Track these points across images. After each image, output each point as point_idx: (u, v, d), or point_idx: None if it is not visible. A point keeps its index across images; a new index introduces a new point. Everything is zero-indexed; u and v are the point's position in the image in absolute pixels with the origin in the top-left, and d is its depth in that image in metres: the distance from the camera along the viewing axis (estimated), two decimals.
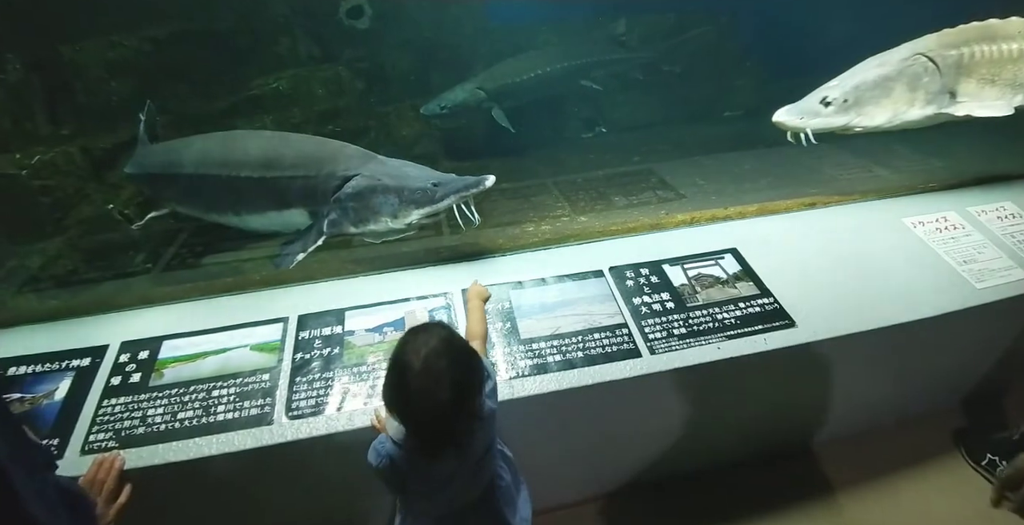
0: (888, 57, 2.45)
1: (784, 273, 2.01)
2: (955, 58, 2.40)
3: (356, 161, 2.15)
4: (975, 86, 2.43)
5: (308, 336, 1.79)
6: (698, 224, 2.31)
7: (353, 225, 2.12)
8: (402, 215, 2.05)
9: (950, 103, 2.43)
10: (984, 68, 2.41)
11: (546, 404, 1.69)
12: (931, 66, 2.38)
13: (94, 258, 2.74)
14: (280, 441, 1.52)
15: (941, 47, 2.40)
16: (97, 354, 1.76)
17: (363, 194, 2.06)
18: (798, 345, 1.80)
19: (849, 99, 2.36)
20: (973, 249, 2.16)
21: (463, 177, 2.04)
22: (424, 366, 1.13)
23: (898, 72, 2.38)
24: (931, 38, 2.45)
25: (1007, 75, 2.42)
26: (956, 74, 2.41)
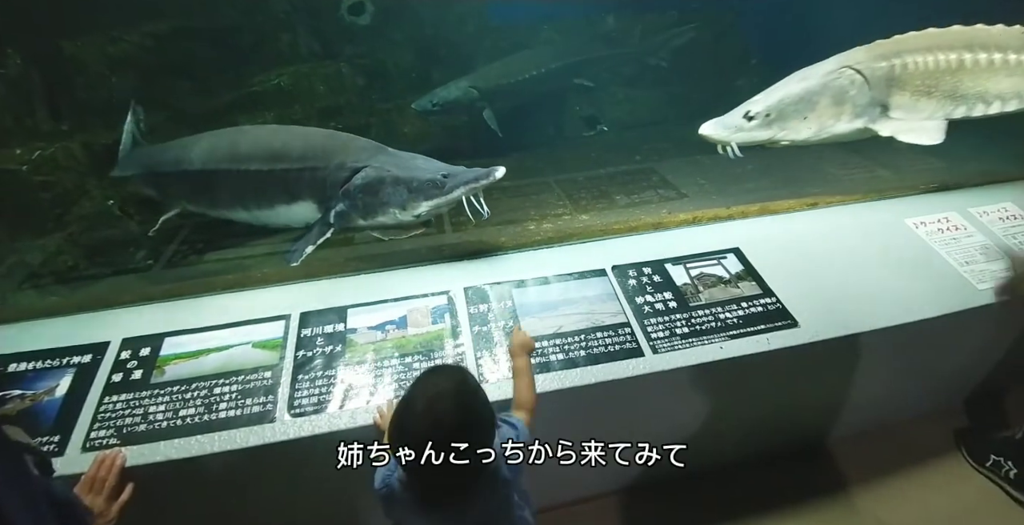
0: (814, 70, 2.39)
1: (786, 273, 2.01)
2: (885, 70, 2.33)
3: (365, 153, 2.14)
4: (909, 99, 2.36)
5: (310, 333, 1.79)
6: (700, 223, 2.32)
7: (362, 217, 2.11)
8: (411, 207, 2.04)
9: (881, 116, 2.37)
10: (919, 80, 2.34)
11: (548, 403, 1.68)
12: (859, 79, 2.32)
13: (95, 254, 2.73)
14: (282, 439, 1.52)
15: (871, 59, 2.35)
16: (98, 351, 1.76)
17: (372, 185, 2.04)
18: (800, 345, 1.80)
19: (772, 113, 2.32)
20: (975, 249, 2.16)
21: (473, 169, 2.03)
22: (427, 408, 1.08)
23: (823, 85, 2.33)
24: (861, 50, 2.39)
25: (946, 87, 2.35)
26: (887, 87, 2.34)
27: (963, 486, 2.16)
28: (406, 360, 1.72)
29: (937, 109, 2.38)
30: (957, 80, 2.35)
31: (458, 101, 3.73)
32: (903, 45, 2.37)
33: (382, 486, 1.23)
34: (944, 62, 2.33)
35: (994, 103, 2.40)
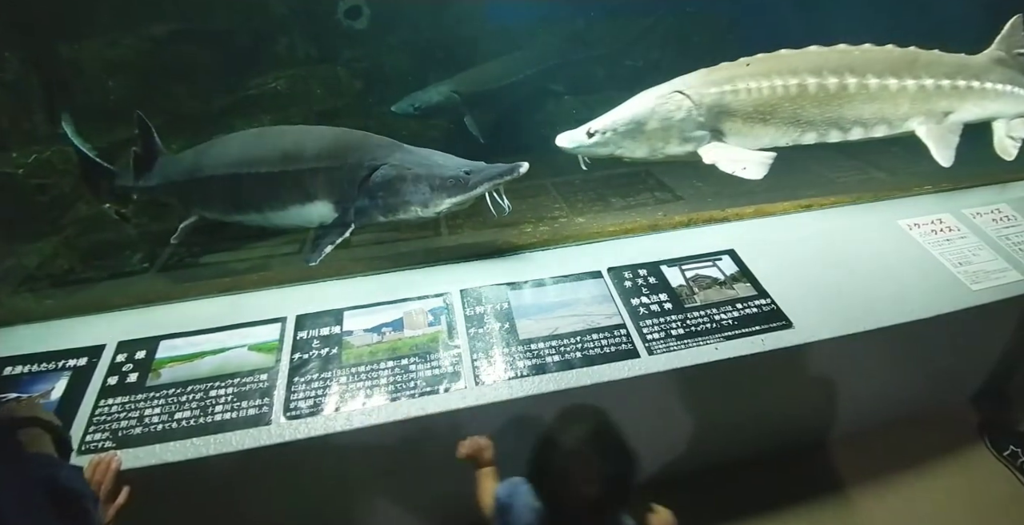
0: (652, 91, 2.39)
1: (781, 274, 2.02)
2: (715, 96, 2.29)
3: (382, 150, 2.12)
4: (742, 125, 2.34)
5: (306, 336, 1.79)
6: (695, 225, 2.33)
7: (382, 215, 2.08)
8: (433, 204, 2.03)
9: (712, 142, 2.35)
10: (751, 107, 2.31)
11: (544, 405, 1.69)
12: (687, 104, 2.29)
13: (91, 257, 2.73)
14: (278, 441, 1.52)
15: (701, 84, 2.32)
16: (94, 354, 1.76)
17: (392, 183, 2.03)
18: (795, 346, 1.80)
19: (608, 132, 2.34)
20: (968, 251, 2.17)
21: (495, 164, 2.03)
22: (578, 454, 1.12)
23: (652, 109, 2.32)
24: (697, 74, 2.39)
25: (785, 113, 2.31)
26: (718, 113, 2.31)
27: (959, 487, 2.18)
28: (402, 362, 1.72)
29: (780, 136, 2.35)
30: (799, 106, 2.31)
31: (439, 105, 3.70)
32: (739, 70, 2.34)
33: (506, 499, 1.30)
34: (782, 88, 2.28)
35: (853, 129, 2.37)
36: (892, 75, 2.34)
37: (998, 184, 2.64)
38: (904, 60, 2.38)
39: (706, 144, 2.34)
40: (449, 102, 3.72)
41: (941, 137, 2.39)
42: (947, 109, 2.43)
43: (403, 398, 1.62)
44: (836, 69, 2.31)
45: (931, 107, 2.40)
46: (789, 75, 2.30)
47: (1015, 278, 2.07)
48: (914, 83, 2.35)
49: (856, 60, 2.34)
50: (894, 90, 2.34)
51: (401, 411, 1.60)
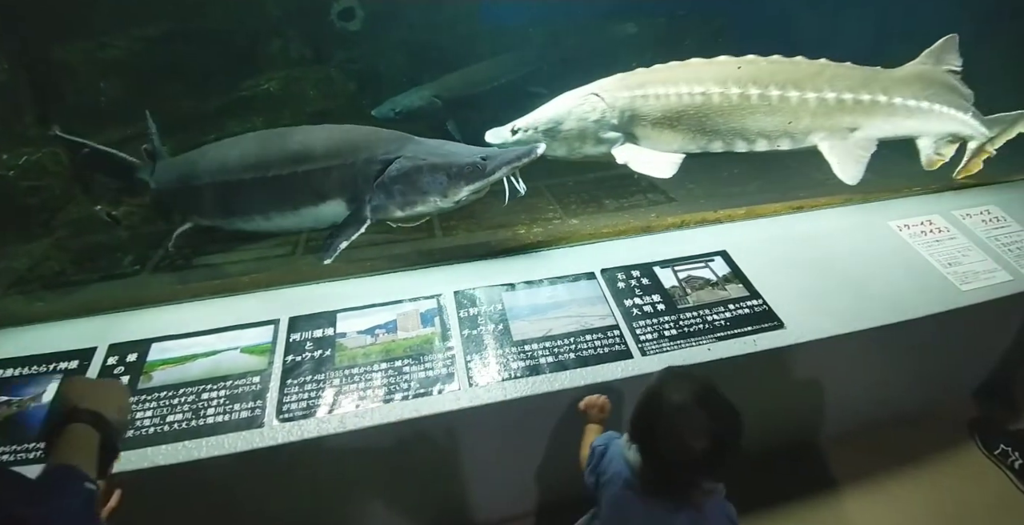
0: (572, 93, 2.44)
1: (773, 275, 2.04)
2: (627, 100, 2.34)
3: (393, 144, 2.11)
4: (652, 130, 2.37)
5: (299, 338, 1.79)
6: (688, 227, 2.34)
7: (400, 208, 2.08)
8: (452, 193, 2.02)
9: (624, 144, 2.39)
10: (660, 113, 2.34)
11: (538, 406, 1.70)
12: (601, 106, 2.34)
13: (82, 259, 2.71)
14: (271, 444, 1.51)
15: (616, 88, 2.37)
16: (85, 357, 1.75)
17: (409, 175, 2.02)
18: (787, 346, 1.82)
19: (529, 131, 2.39)
20: (958, 252, 2.20)
21: (511, 148, 2.03)
22: (688, 410, 1.17)
23: (568, 110, 2.38)
24: (614, 78, 2.42)
25: (691, 122, 2.34)
26: (631, 117, 2.36)
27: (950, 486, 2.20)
28: (395, 364, 1.72)
29: (687, 142, 2.38)
30: (703, 116, 2.33)
31: (421, 109, 3.67)
32: (651, 76, 2.37)
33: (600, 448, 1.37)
34: (687, 97, 2.31)
35: (758, 141, 2.39)
36: (794, 88, 2.32)
37: (987, 186, 2.67)
38: (808, 73, 2.36)
39: (619, 146, 2.38)
40: (431, 106, 3.70)
41: (845, 153, 2.36)
42: (852, 125, 2.39)
43: (397, 400, 1.62)
44: (740, 80, 2.32)
45: (834, 122, 2.37)
46: (695, 84, 2.32)
47: (1004, 279, 2.10)
48: (815, 96, 2.33)
49: (761, 71, 2.34)
50: (795, 103, 2.32)
51: (395, 413, 1.59)
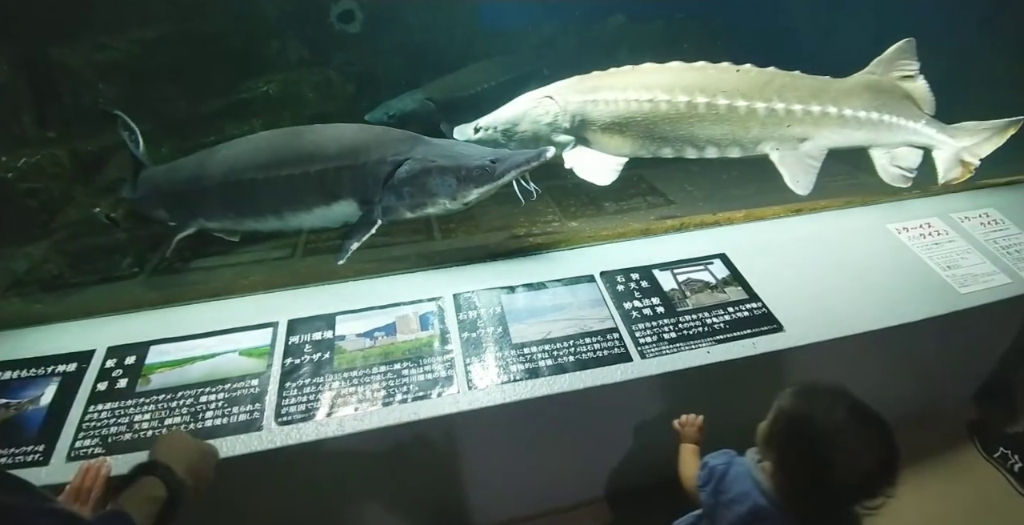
0: (529, 94, 2.48)
1: (772, 278, 2.04)
2: (578, 104, 2.37)
3: (404, 144, 2.10)
4: (601, 135, 2.40)
5: (298, 341, 1.78)
6: (687, 230, 2.34)
7: (409, 210, 2.08)
8: (461, 196, 2.02)
9: (575, 147, 2.42)
10: (608, 118, 2.36)
11: (538, 409, 1.69)
12: (554, 109, 2.38)
13: (81, 262, 2.71)
14: (269, 447, 1.51)
15: (569, 91, 2.40)
16: (83, 359, 1.74)
17: (418, 178, 2.01)
18: (786, 349, 1.82)
19: (489, 130, 2.44)
20: (957, 254, 2.20)
21: (521, 151, 2.03)
22: (852, 430, 1.14)
23: (524, 112, 2.41)
24: (569, 81, 2.45)
25: (638, 128, 2.36)
26: (581, 121, 2.39)
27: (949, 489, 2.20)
28: (395, 367, 1.72)
29: (637, 148, 2.41)
30: (651, 122, 2.35)
31: (414, 113, 3.66)
32: (603, 81, 2.39)
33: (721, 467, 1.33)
34: (636, 103, 2.33)
35: (707, 148, 2.41)
36: (742, 97, 2.33)
37: (986, 188, 2.67)
38: (757, 82, 2.36)
39: (570, 149, 2.41)
40: (423, 109, 3.69)
41: (795, 164, 2.38)
42: (801, 135, 2.39)
43: (396, 403, 1.62)
44: (688, 88, 2.33)
45: (783, 132, 2.37)
46: (643, 90, 2.33)
47: (1003, 281, 2.10)
48: (764, 106, 2.33)
49: (710, 80, 2.35)
50: (743, 112, 2.33)
51: (394, 416, 1.59)
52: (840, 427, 1.15)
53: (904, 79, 2.50)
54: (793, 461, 1.19)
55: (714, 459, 1.38)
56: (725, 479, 1.32)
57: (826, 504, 1.18)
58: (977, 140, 2.54)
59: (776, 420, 1.24)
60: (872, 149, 2.50)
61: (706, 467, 1.37)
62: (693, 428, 1.61)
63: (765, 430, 1.27)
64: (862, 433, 1.15)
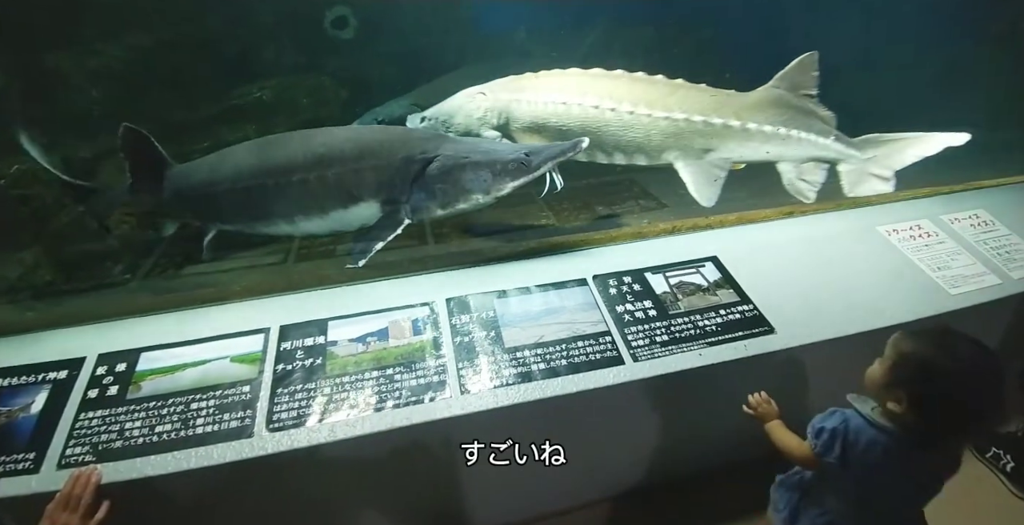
0: (468, 89, 2.57)
1: (763, 280, 2.05)
2: (504, 103, 2.46)
3: (430, 143, 2.11)
4: (524, 134, 2.49)
5: (290, 347, 1.78)
6: (679, 233, 2.35)
7: (441, 207, 2.08)
8: (496, 190, 2.04)
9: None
10: (528, 119, 2.45)
11: (531, 413, 1.69)
12: (485, 105, 2.47)
13: (72, 269, 2.70)
14: (260, 454, 1.51)
15: (499, 89, 2.49)
16: (74, 367, 1.74)
17: (452, 173, 2.02)
18: (777, 351, 1.83)
19: (432, 120, 2.56)
20: (947, 256, 2.21)
21: (555, 143, 2.05)
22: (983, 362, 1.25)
23: (459, 105, 2.51)
24: (505, 79, 2.54)
25: (552, 130, 2.43)
26: (506, 119, 2.48)
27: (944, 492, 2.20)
28: (387, 372, 1.71)
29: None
30: (563, 125, 2.41)
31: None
32: (529, 82, 2.48)
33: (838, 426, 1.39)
34: (551, 105, 2.40)
35: (616, 154, 2.47)
36: (647, 106, 2.37)
37: (976, 190, 2.69)
38: (662, 92, 2.40)
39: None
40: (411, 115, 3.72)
41: (699, 174, 2.43)
42: (704, 146, 2.43)
43: (388, 408, 1.62)
44: (600, 94, 2.38)
45: (686, 142, 2.41)
46: (560, 94, 2.40)
47: (993, 282, 2.11)
48: (665, 116, 2.37)
49: (621, 87, 2.40)
50: (646, 121, 2.37)
51: (386, 421, 1.59)
52: (971, 364, 1.25)
53: (807, 94, 2.51)
54: (929, 399, 1.27)
55: (828, 421, 1.42)
56: (849, 434, 1.37)
57: (955, 434, 1.32)
58: (886, 152, 2.55)
59: (902, 364, 1.30)
60: (779, 163, 2.54)
61: (824, 432, 1.41)
62: (768, 405, 1.65)
63: (886, 375, 1.33)
64: (987, 367, 1.25)
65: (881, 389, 1.35)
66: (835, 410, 1.45)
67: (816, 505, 1.53)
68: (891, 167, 2.54)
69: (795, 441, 1.52)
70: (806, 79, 2.49)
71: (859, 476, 1.39)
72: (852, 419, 1.39)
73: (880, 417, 1.36)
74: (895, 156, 2.54)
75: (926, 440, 1.31)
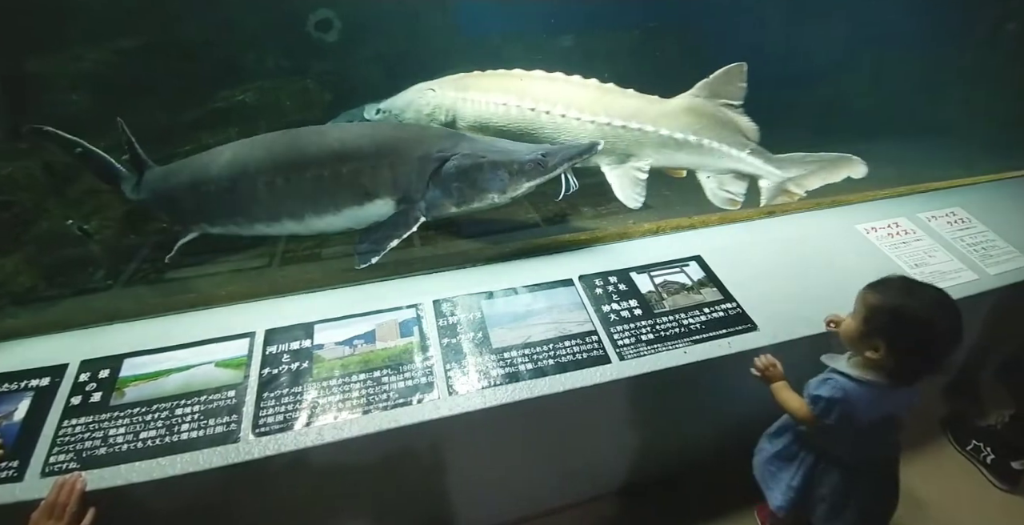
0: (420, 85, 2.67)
1: (746, 279, 2.08)
2: (451, 100, 2.55)
3: (448, 141, 2.11)
4: (468, 130, 2.56)
5: (276, 351, 1.77)
6: (664, 233, 2.37)
7: (456, 206, 2.09)
8: (511, 189, 2.06)
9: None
10: (472, 117, 2.56)
11: (519, 413, 1.70)
12: (434, 101, 2.56)
13: (54, 275, 2.66)
14: (247, 459, 1.50)
15: (448, 86, 2.58)
16: (56, 374, 1.71)
17: (469, 172, 2.02)
18: (760, 347, 1.85)
19: (387, 113, 2.67)
20: (924, 253, 2.26)
21: (571, 144, 2.07)
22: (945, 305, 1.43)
23: (410, 100, 2.61)
24: (455, 76, 2.64)
25: (493, 129, 2.51)
26: (453, 116, 2.57)
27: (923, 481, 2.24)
28: (374, 375, 1.71)
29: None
30: (503, 126, 2.50)
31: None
32: (475, 81, 2.56)
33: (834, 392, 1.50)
34: (493, 105, 2.49)
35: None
36: (577, 109, 2.44)
37: (954, 188, 2.75)
38: (591, 97, 2.46)
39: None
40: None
41: (622, 177, 2.51)
42: (626, 151, 2.50)
43: (375, 411, 1.62)
44: (536, 96, 2.46)
45: (610, 147, 2.47)
46: (501, 94, 2.47)
47: (970, 278, 2.16)
48: (591, 120, 2.44)
49: (556, 90, 2.46)
50: (575, 125, 2.44)
51: (373, 424, 1.59)
52: (936, 306, 1.42)
53: (729, 104, 2.53)
54: (904, 342, 1.42)
55: (822, 390, 1.54)
56: (848, 399, 1.49)
57: (928, 370, 1.46)
58: (803, 172, 2.58)
59: (875, 315, 1.46)
60: (698, 172, 2.59)
61: (820, 400, 1.53)
62: (774, 368, 1.73)
63: (860, 328, 1.49)
64: (948, 309, 1.42)
65: (858, 341, 1.50)
66: (828, 377, 1.56)
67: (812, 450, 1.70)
68: (805, 187, 2.59)
69: (797, 402, 1.64)
70: (731, 89, 2.50)
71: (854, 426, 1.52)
72: (846, 386, 1.50)
73: (859, 368, 1.51)
74: (810, 178, 2.58)
75: (905, 378, 1.48)
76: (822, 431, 1.61)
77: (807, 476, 1.69)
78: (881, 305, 1.46)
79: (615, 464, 2.13)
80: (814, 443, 1.69)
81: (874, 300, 1.48)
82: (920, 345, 1.42)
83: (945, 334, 1.41)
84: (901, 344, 1.42)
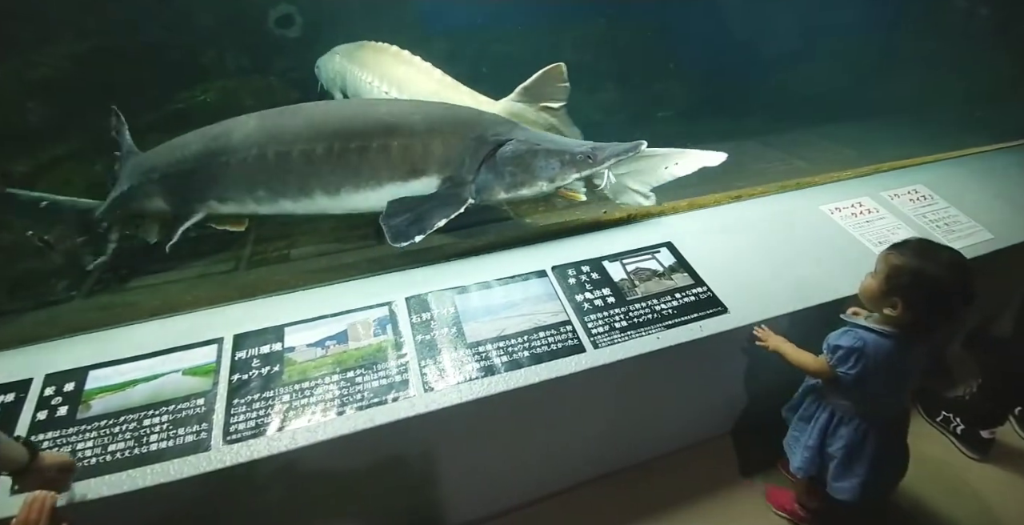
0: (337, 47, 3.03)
1: (715, 263, 2.10)
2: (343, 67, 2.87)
3: (504, 126, 2.12)
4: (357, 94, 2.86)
5: (245, 356, 1.74)
6: (635, 221, 2.38)
7: (505, 190, 2.09)
8: (560, 179, 2.09)
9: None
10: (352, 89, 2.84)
11: (495, 405, 1.70)
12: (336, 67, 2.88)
13: (15, 288, 2.59)
14: (218, 467, 1.47)
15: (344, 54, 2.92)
16: (21, 389, 1.66)
17: (524, 158, 2.03)
18: (731, 330, 1.88)
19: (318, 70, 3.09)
20: (887, 230, 2.30)
21: (618, 143, 2.09)
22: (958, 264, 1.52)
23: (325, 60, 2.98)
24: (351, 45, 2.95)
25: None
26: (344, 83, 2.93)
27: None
28: (348, 375, 1.70)
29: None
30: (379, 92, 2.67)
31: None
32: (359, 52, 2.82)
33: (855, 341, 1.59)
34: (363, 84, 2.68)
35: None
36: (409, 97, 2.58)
37: (914, 166, 2.80)
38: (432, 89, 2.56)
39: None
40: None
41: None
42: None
43: (350, 411, 1.60)
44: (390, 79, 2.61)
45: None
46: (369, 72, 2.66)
47: None
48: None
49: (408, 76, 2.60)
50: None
51: (348, 425, 1.57)
52: (952, 265, 1.52)
53: (549, 107, 2.51)
54: (923, 299, 1.52)
55: (843, 339, 1.62)
56: (867, 348, 1.58)
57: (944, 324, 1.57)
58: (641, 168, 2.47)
59: (896, 274, 1.55)
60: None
61: (840, 349, 1.61)
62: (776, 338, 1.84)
63: (882, 286, 1.58)
64: (962, 268, 1.52)
65: (878, 298, 1.60)
66: (848, 329, 1.65)
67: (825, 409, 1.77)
68: (648, 183, 2.48)
69: (809, 357, 1.74)
70: (552, 90, 2.47)
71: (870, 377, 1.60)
72: (866, 337, 1.59)
73: (878, 324, 1.60)
74: (651, 173, 2.46)
75: (923, 333, 1.59)
76: (836, 384, 1.68)
77: (821, 434, 1.77)
78: (902, 265, 1.55)
79: (594, 452, 2.14)
80: (828, 399, 1.76)
81: (896, 260, 1.57)
82: (935, 301, 1.53)
83: (958, 291, 1.51)
84: (918, 300, 1.52)
